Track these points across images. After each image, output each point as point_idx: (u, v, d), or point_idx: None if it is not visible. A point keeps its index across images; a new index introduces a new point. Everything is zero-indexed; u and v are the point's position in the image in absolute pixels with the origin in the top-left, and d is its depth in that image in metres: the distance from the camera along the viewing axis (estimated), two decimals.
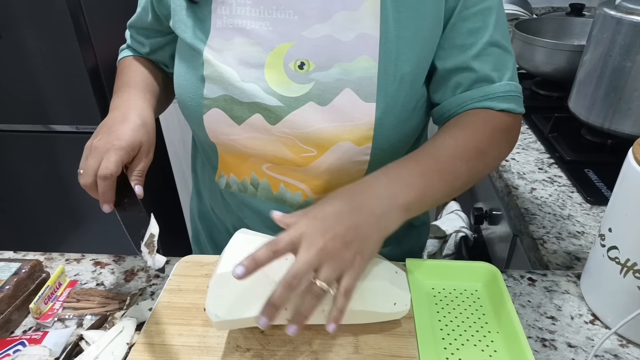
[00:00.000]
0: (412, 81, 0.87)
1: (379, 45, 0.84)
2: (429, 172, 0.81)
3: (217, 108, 0.89)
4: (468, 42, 0.87)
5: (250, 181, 0.98)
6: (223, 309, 0.73)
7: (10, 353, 0.78)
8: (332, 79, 0.84)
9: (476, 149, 0.85)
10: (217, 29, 0.87)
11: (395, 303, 0.78)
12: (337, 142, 0.87)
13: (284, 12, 0.85)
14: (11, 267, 0.91)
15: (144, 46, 1.06)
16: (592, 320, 0.86)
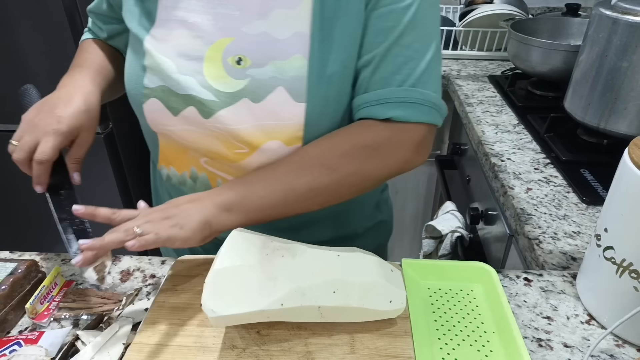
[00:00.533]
0: (340, 82, 0.87)
1: (310, 45, 0.85)
2: (254, 180, 0.87)
3: (155, 98, 0.90)
4: (375, 41, 0.85)
5: (190, 175, 0.99)
6: (220, 305, 0.73)
7: (6, 353, 0.78)
8: (267, 77, 0.85)
9: (320, 163, 0.86)
10: (162, 20, 0.89)
11: (391, 301, 0.79)
12: (266, 142, 0.88)
13: (226, 7, 0.86)
14: (7, 267, 0.90)
15: (102, 31, 1.07)
16: (588, 320, 0.86)
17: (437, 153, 2.34)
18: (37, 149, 0.84)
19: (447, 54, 2.33)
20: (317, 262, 0.78)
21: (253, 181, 0.86)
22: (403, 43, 0.85)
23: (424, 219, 2.55)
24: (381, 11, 0.84)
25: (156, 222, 0.79)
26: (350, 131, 0.88)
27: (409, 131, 0.89)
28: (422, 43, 0.86)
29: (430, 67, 0.87)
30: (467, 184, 1.86)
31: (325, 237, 1.06)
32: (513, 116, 1.73)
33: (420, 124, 0.89)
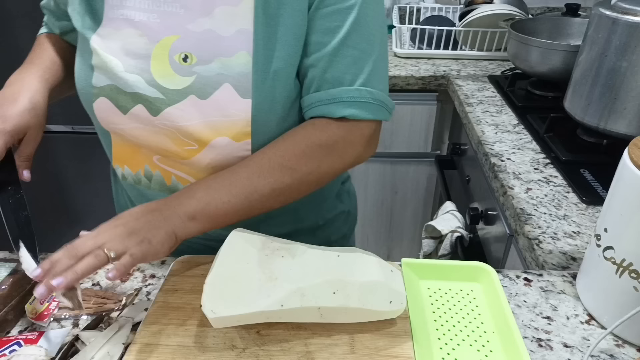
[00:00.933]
0: (285, 78, 0.89)
1: (254, 42, 0.86)
2: (216, 186, 0.86)
3: (105, 97, 0.91)
4: (322, 41, 0.88)
5: (144, 173, 0.99)
6: (219, 306, 0.73)
7: (6, 353, 0.78)
8: (213, 73, 0.86)
9: (281, 165, 0.88)
10: (109, 19, 0.89)
11: (391, 301, 0.79)
12: (215, 138, 0.89)
13: (171, 5, 0.87)
14: (7, 267, 0.90)
15: (55, 27, 1.07)
16: (587, 320, 0.86)
17: (437, 153, 2.34)
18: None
19: (447, 54, 2.34)
20: (316, 262, 0.78)
21: (215, 186, 0.86)
22: (350, 43, 0.87)
23: (424, 219, 2.55)
24: (325, 11, 0.86)
25: (123, 238, 0.77)
26: (306, 131, 0.91)
27: (361, 128, 0.92)
28: (368, 43, 0.89)
29: (377, 67, 0.90)
30: (467, 184, 1.86)
31: (285, 230, 1.07)
32: (513, 116, 1.73)
33: (370, 121, 0.92)
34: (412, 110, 2.23)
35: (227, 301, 0.73)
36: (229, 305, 0.73)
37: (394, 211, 2.56)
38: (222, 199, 0.85)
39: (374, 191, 2.49)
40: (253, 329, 0.81)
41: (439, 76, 2.15)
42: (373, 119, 0.92)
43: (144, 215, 0.81)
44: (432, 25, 2.34)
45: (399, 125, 2.27)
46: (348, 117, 0.90)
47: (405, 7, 2.72)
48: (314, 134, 0.90)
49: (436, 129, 2.28)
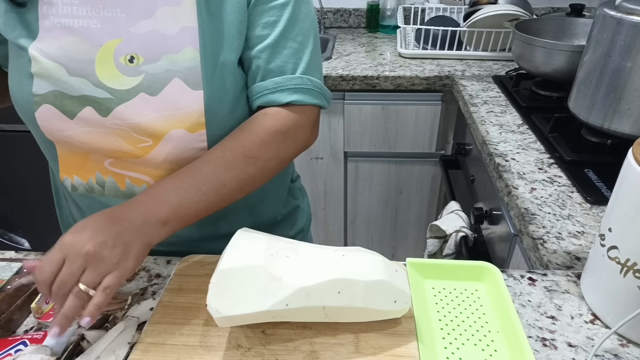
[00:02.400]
0: (232, 68, 0.93)
1: (199, 37, 0.89)
2: (185, 186, 0.85)
3: (47, 104, 0.90)
4: (263, 34, 0.93)
5: (96, 181, 0.98)
6: (225, 305, 0.73)
7: (11, 353, 0.78)
8: (161, 70, 0.88)
9: (244, 155, 0.90)
10: (46, 29, 0.89)
11: (396, 301, 0.79)
12: (169, 131, 0.90)
13: (111, 10, 0.88)
14: (12, 267, 0.91)
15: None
16: (592, 319, 0.86)
17: (441, 153, 2.34)
18: None
19: (451, 54, 2.34)
20: (321, 262, 0.78)
21: (183, 187, 0.85)
22: (288, 35, 0.94)
23: (429, 219, 2.55)
24: (263, 7, 0.92)
25: (97, 263, 0.74)
26: (261, 120, 0.94)
27: (307, 113, 0.98)
28: (304, 36, 0.96)
29: (313, 57, 0.98)
30: (472, 184, 1.86)
31: (245, 226, 1.07)
32: (517, 116, 1.73)
33: (313, 106, 0.99)
34: (416, 110, 2.23)
35: (232, 301, 0.74)
36: (234, 304, 0.73)
37: (398, 211, 2.56)
38: (193, 199, 0.85)
39: (379, 191, 2.49)
40: (258, 328, 0.81)
41: (443, 76, 2.15)
42: (316, 104, 0.98)
43: (112, 226, 0.77)
44: (436, 26, 2.34)
45: (404, 125, 2.27)
46: (294, 103, 0.96)
47: (410, 8, 2.72)
48: (269, 122, 0.93)
49: (441, 129, 2.29)
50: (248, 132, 0.92)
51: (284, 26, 0.93)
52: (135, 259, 0.78)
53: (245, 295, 0.74)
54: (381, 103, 2.21)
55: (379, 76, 2.15)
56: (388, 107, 2.22)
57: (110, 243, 0.75)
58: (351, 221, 2.61)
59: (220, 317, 0.73)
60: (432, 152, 2.35)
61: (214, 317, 0.73)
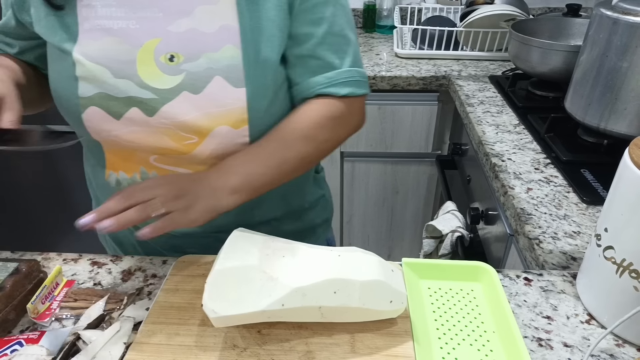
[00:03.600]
0: (274, 66, 0.95)
1: (240, 35, 0.90)
2: (252, 159, 0.94)
3: (94, 106, 0.91)
4: (309, 32, 0.96)
5: (140, 175, 1.00)
6: (221, 305, 0.73)
7: (7, 353, 0.78)
8: (202, 69, 0.89)
9: (303, 136, 0.98)
10: (85, 31, 0.89)
11: (392, 301, 0.79)
12: (215, 127, 0.92)
13: (149, 10, 0.89)
14: (8, 266, 0.91)
15: (12, 47, 1.04)
16: (588, 320, 0.86)
17: (437, 153, 2.34)
18: None
19: (448, 54, 2.34)
20: (317, 262, 0.78)
21: (249, 160, 0.93)
22: (333, 31, 0.97)
23: (425, 219, 2.55)
24: (307, 5, 0.94)
25: (170, 200, 0.82)
26: (317, 106, 1.00)
27: (357, 102, 1.05)
28: (346, 30, 1.00)
29: (355, 50, 1.03)
30: (468, 184, 1.87)
31: (278, 214, 1.15)
32: (513, 116, 1.73)
33: (362, 96, 1.05)
34: (413, 110, 2.23)
35: (228, 301, 0.73)
36: (230, 304, 0.73)
37: (394, 211, 2.56)
38: (260, 172, 0.93)
39: (375, 191, 2.49)
40: (254, 328, 0.81)
41: (440, 76, 2.16)
42: (364, 93, 1.05)
43: (191, 182, 0.87)
44: (433, 26, 2.34)
45: (400, 126, 2.27)
46: (348, 95, 1.01)
47: (407, 8, 2.72)
48: (324, 108, 1.00)
49: (437, 129, 2.29)
50: (305, 116, 0.99)
51: (329, 23, 0.96)
52: (201, 214, 0.85)
53: (241, 296, 0.74)
54: (377, 103, 2.21)
55: (375, 76, 2.15)
56: (384, 107, 2.22)
57: (183, 190, 0.84)
58: (347, 221, 2.61)
59: (216, 317, 0.73)
60: (428, 152, 2.35)
61: (210, 317, 0.73)
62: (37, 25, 0.92)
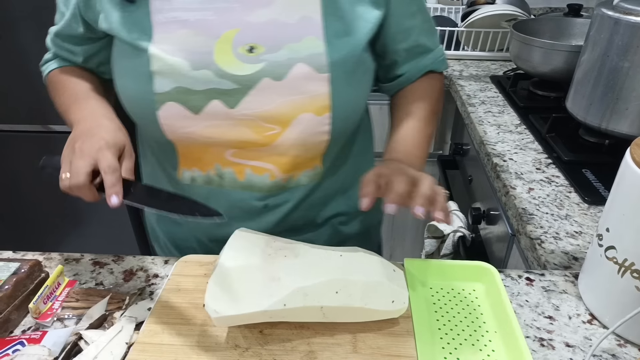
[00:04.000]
0: (358, 54, 0.94)
1: (323, 25, 0.89)
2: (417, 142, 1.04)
3: (172, 101, 0.89)
4: (412, 24, 1.03)
5: (215, 172, 0.99)
6: (222, 305, 0.73)
7: (9, 353, 0.78)
8: (283, 58, 0.88)
9: (432, 112, 1.09)
10: (160, 24, 0.88)
11: (394, 301, 0.79)
12: (298, 115, 0.91)
13: (226, 1, 0.87)
14: (10, 266, 0.91)
15: (75, 55, 1.03)
16: (589, 320, 0.86)
17: (439, 153, 2.34)
18: (100, 165, 0.77)
19: (449, 54, 2.33)
20: (319, 262, 0.79)
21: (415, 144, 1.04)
22: (425, 18, 1.05)
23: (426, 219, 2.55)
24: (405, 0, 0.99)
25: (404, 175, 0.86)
26: (430, 82, 1.12)
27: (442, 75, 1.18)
28: (429, 14, 1.07)
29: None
30: (469, 184, 1.86)
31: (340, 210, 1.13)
32: (515, 116, 1.73)
33: None
34: None
35: (230, 301, 0.74)
36: (232, 304, 0.73)
37: None
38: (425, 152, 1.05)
39: None
40: (256, 328, 0.81)
41: None
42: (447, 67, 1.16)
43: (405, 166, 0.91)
44: None
45: None
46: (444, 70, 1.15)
47: None
48: (436, 84, 1.13)
49: (438, 129, 2.28)
50: (430, 92, 1.11)
51: (421, 11, 1.03)
52: None
53: (243, 296, 0.74)
54: (379, 103, 2.20)
55: None
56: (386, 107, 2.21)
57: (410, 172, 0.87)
58: None
59: (218, 317, 0.73)
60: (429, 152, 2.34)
61: (211, 317, 0.73)
62: (105, 22, 0.91)
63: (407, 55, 1.07)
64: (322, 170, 1.02)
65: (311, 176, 1.01)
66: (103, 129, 0.84)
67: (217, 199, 1.01)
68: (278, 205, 1.02)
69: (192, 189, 1.03)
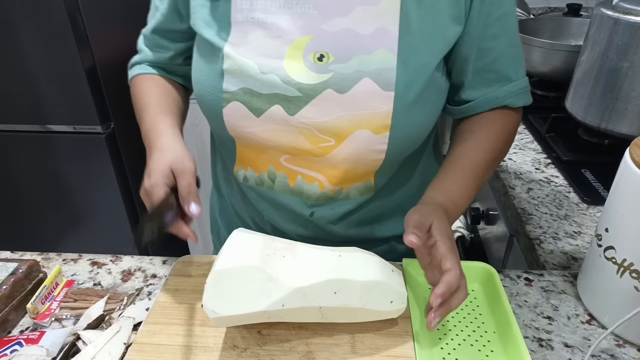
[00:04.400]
0: (429, 73, 0.89)
1: (399, 38, 0.85)
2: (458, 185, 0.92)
3: (237, 101, 0.89)
4: (490, 46, 0.93)
5: (268, 174, 0.99)
6: (221, 306, 0.73)
7: (7, 353, 0.78)
8: (352, 70, 0.85)
9: (497, 157, 0.99)
10: (237, 23, 0.88)
11: (392, 301, 0.79)
12: (355, 131, 0.89)
13: (304, 6, 0.86)
14: (8, 267, 0.91)
15: (167, 50, 1.06)
16: (588, 320, 0.86)
17: None
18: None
19: None
20: (318, 262, 0.78)
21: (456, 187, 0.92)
22: (511, 43, 0.95)
23: None
24: (490, 20, 0.90)
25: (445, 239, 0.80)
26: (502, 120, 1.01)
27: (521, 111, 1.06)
28: (518, 39, 0.97)
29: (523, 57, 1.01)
30: None
31: (398, 232, 1.10)
32: None
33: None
34: None
35: (229, 301, 0.73)
36: (230, 305, 0.73)
37: None
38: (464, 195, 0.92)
39: None
40: (254, 328, 0.81)
41: None
42: (530, 102, 1.06)
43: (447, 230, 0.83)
44: None
45: None
46: (523, 105, 1.03)
47: None
48: (509, 123, 1.02)
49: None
50: (498, 134, 0.99)
51: (507, 35, 0.94)
52: None
53: (242, 296, 0.74)
54: None
55: None
56: None
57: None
58: None
59: (216, 318, 0.73)
60: None
61: (210, 318, 0.73)
62: (193, 16, 0.92)
63: (476, 80, 0.97)
64: (374, 186, 1.00)
65: (362, 190, 0.99)
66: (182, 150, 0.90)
67: (266, 200, 1.02)
68: (325, 215, 1.01)
69: (244, 187, 1.04)
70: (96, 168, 2.17)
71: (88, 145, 2.13)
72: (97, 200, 2.29)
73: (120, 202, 2.28)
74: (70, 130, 2.11)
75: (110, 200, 2.27)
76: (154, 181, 0.85)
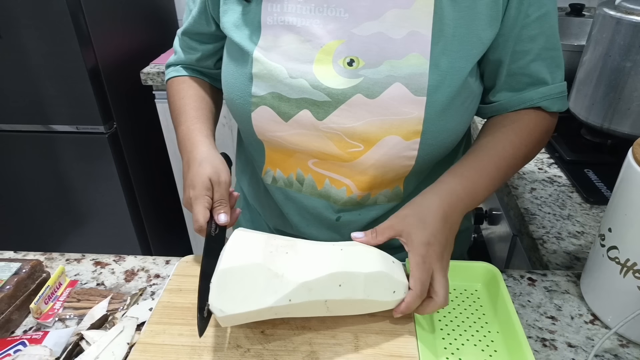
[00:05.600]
0: (463, 78, 0.87)
1: (431, 42, 0.84)
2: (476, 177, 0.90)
3: (265, 105, 0.89)
4: (526, 48, 0.90)
5: (296, 177, 0.99)
6: (227, 304, 0.73)
7: (10, 353, 0.78)
8: (382, 76, 0.85)
9: (525, 156, 0.96)
10: (268, 27, 0.88)
11: (395, 291, 0.79)
12: (384, 137, 0.88)
13: (335, 10, 0.85)
14: (11, 267, 0.91)
15: (195, 52, 1.06)
16: (592, 320, 0.86)
17: None
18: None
19: None
20: (320, 256, 0.78)
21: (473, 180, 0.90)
22: (549, 46, 0.92)
23: None
24: (528, 20, 0.88)
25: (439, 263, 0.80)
26: (535, 120, 0.97)
27: (556, 116, 1.02)
28: (558, 41, 0.94)
29: (563, 60, 0.98)
30: None
31: None
32: None
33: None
34: None
35: (235, 299, 0.73)
36: (237, 303, 0.73)
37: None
38: (483, 188, 0.90)
39: None
40: (257, 328, 0.81)
41: None
42: (567, 107, 1.02)
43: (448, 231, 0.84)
44: None
45: None
46: (557, 110, 0.99)
47: None
48: (541, 124, 0.98)
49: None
50: (529, 132, 0.96)
51: (546, 37, 0.91)
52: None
53: (248, 293, 0.74)
54: None
55: None
56: None
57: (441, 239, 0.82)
58: None
59: (223, 316, 0.73)
60: None
61: (217, 317, 0.73)
62: (223, 19, 0.93)
63: (509, 82, 0.95)
64: (402, 192, 0.99)
65: (390, 196, 0.99)
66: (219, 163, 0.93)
67: (293, 203, 1.02)
68: (352, 220, 1.01)
69: (271, 189, 1.04)
70: (99, 168, 2.18)
71: (91, 145, 2.14)
72: (100, 200, 2.30)
73: (123, 202, 2.28)
74: (73, 130, 2.12)
75: (113, 200, 2.28)
76: (198, 193, 0.88)
